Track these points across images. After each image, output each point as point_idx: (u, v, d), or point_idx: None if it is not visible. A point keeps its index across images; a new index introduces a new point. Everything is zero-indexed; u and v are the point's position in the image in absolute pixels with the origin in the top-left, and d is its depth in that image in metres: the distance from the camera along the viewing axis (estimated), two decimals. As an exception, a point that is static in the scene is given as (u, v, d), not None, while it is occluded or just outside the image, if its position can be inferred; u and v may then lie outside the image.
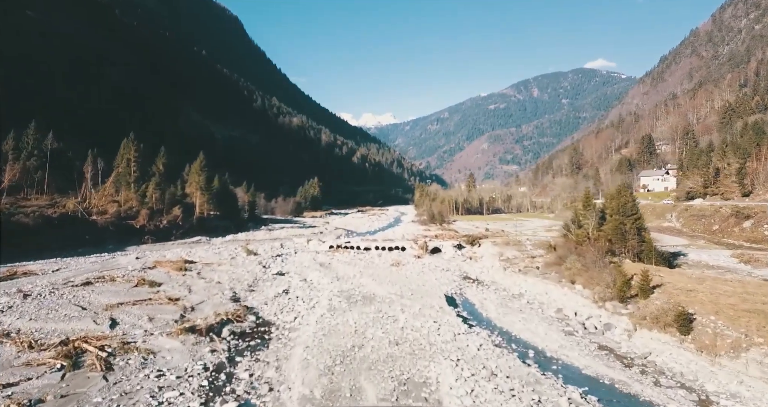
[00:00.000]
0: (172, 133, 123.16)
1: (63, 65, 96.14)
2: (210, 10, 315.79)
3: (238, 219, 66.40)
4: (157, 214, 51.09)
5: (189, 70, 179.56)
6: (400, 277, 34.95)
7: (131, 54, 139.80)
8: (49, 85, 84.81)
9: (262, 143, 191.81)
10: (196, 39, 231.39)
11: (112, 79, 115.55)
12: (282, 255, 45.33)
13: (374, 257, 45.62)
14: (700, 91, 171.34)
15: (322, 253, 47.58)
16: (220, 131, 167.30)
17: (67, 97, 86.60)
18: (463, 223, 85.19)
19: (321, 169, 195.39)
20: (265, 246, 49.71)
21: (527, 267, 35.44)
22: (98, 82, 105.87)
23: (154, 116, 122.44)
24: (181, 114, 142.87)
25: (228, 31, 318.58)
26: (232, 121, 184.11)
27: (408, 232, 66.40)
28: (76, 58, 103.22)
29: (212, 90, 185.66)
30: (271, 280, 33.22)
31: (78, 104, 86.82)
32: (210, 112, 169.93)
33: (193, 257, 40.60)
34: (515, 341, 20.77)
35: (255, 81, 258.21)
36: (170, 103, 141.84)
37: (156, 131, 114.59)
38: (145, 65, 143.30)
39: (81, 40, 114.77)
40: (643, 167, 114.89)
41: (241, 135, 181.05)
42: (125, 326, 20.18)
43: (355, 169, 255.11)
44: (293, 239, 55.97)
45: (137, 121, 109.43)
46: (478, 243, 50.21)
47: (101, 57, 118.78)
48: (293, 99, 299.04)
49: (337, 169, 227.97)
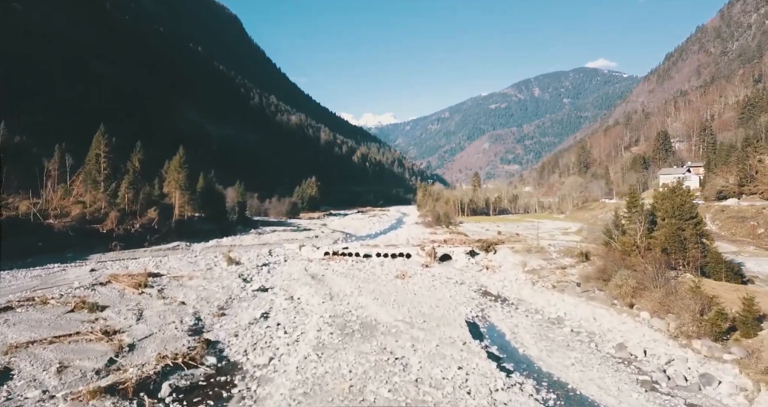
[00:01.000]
0: (165, 131, 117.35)
1: (57, 63, 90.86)
2: (209, 9, 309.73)
3: (225, 221, 60.25)
4: (129, 217, 44.99)
5: (187, 69, 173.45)
6: (408, 294, 28.79)
7: (126, 52, 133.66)
8: (45, 83, 79.99)
9: (260, 142, 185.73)
10: (195, 38, 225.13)
11: (107, 78, 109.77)
12: (269, 265, 39.18)
13: (375, 266, 39.47)
14: (712, 87, 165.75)
15: (316, 262, 41.42)
16: (216, 130, 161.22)
17: (65, 96, 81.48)
18: (470, 225, 79.07)
19: (320, 169, 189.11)
20: (250, 254, 43.58)
21: (561, 282, 29.28)
22: (97, 81, 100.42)
23: (148, 114, 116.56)
24: (176, 112, 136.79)
25: (227, 30, 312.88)
26: (228, 120, 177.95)
27: (412, 236, 60.27)
28: (72, 57, 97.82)
29: (209, 88, 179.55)
30: (249, 299, 27.07)
31: (75, 104, 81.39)
32: (206, 111, 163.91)
33: (162, 268, 34.44)
34: (577, 401, 14.62)
35: (254, 80, 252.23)
36: (166, 101, 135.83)
37: (148, 129, 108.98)
38: (139, 63, 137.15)
39: (72, 36, 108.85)
40: (659, 165, 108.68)
41: (237, 133, 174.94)
42: (17, 383, 14.00)
43: (356, 169, 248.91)
44: (284, 244, 49.84)
45: (129, 119, 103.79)
46: (494, 250, 44.08)
47: (97, 55, 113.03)
48: (292, 98, 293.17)
49: (337, 168, 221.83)
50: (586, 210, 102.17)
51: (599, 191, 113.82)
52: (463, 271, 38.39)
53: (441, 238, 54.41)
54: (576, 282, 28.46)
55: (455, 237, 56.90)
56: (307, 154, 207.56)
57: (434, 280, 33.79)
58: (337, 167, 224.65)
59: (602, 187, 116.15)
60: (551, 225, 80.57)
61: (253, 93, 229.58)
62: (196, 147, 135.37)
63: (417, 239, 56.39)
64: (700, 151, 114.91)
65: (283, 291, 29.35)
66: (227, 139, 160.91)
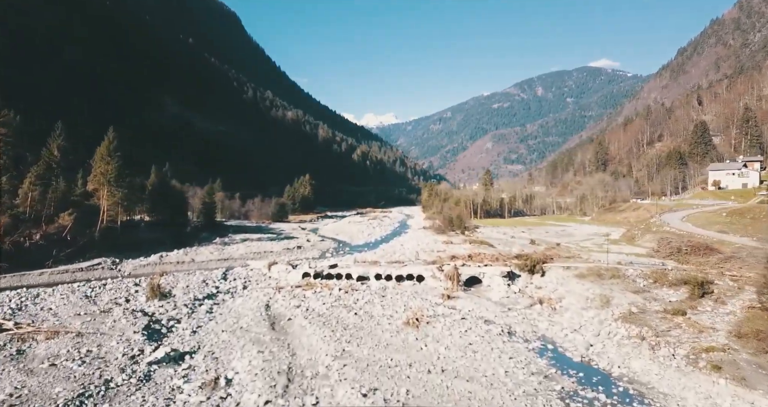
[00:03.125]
0: (138, 123, 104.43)
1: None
2: (204, 4, 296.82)
3: (183, 227, 47.16)
4: (29, 223, 32.13)
5: (171, 59, 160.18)
6: (428, 366, 15.79)
7: (95, 35, 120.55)
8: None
9: (252, 138, 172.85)
10: (186, 31, 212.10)
11: (68, 59, 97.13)
12: (215, 298, 26.17)
13: (374, 299, 26.37)
14: (741, 79, 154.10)
15: (287, 291, 28.31)
16: (205, 125, 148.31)
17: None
18: (488, 230, 65.96)
19: (317, 167, 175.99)
20: (194, 279, 30.50)
21: (713, 349, 16.09)
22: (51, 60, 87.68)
23: (118, 103, 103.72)
24: (152, 103, 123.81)
25: (224, 26, 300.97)
26: (219, 115, 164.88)
27: (422, 246, 47.21)
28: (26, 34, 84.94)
29: (197, 81, 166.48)
30: (126, 394, 13.98)
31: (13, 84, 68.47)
32: (194, 104, 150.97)
33: (23, 313, 21.32)
34: None
35: (251, 77, 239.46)
36: (141, 91, 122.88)
37: (116, 120, 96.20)
38: (111, 49, 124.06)
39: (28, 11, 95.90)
40: (697, 161, 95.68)
41: (228, 129, 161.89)
42: None
43: (355, 168, 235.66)
44: (250, 262, 36.73)
45: (89, 107, 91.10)
46: (541, 270, 31.04)
47: (58, 33, 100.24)
48: (291, 96, 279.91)
49: (336, 167, 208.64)
50: (616, 211, 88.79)
51: (628, 190, 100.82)
52: (504, 307, 25.33)
53: (461, 251, 41.25)
54: (731, 346, 15.28)
55: (478, 248, 43.74)
56: (304, 151, 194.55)
57: (467, 330, 20.74)
58: (336, 166, 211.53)
59: (631, 186, 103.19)
60: (585, 230, 67.45)
61: (247, 87, 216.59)
62: (176, 141, 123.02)
63: (428, 250, 43.35)
64: (742, 144, 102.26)
65: (207, 364, 16.31)
66: (217, 134, 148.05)
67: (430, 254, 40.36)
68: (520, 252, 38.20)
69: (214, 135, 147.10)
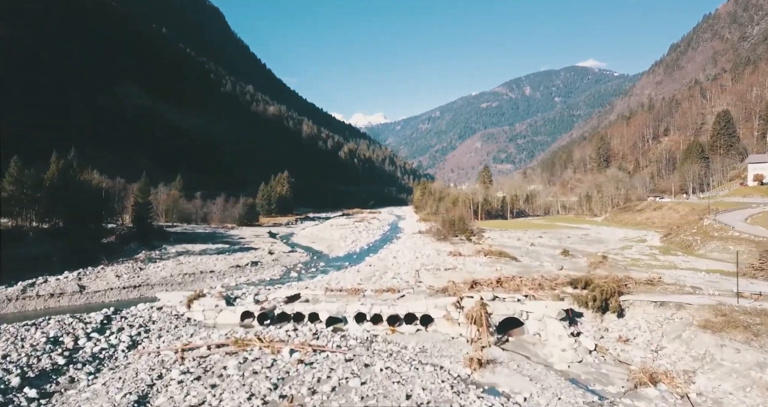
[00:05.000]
0: (89, 110, 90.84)
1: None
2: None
3: (95, 238, 34.43)
4: None
5: (138, 46, 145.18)
6: None
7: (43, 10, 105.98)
8: None
9: (230, 133, 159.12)
10: (159, 20, 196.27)
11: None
12: (50, 379, 13.93)
13: (349, 383, 14.37)
14: (747, 71, 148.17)
15: (197, 357, 16.15)
16: (174, 116, 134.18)
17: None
18: (498, 235, 54.54)
19: (301, 165, 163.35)
20: (38, 333, 18.04)
21: None
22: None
23: (64, 87, 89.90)
24: (110, 91, 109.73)
25: (206, 21, 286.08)
26: (192, 107, 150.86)
27: (422, 259, 35.41)
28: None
29: (167, 70, 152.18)
30: None
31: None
32: (163, 94, 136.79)
33: None
34: None
35: (233, 71, 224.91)
36: (98, 77, 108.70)
37: (60, 107, 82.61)
38: (62, 29, 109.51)
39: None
40: (720, 154, 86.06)
41: (202, 122, 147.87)
42: None
43: (343, 166, 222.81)
44: (163, 294, 24.25)
45: (28, 88, 77.46)
46: (617, 307, 19.48)
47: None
48: (276, 93, 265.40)
49: (321, 165, 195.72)
50: (633, 211, 78.29)
51: (642, 188, 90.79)
52: (581, 388, 13.74)
53: (479, 268, 29.45)
54: None
55: (497, 262, 32.04)
56: (287, 148, 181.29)
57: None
58: (322, 164, 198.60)
59: (646, 183, 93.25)
60: (611, 233, 56.50)
61: (226, 80, 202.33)
62: (141, 135, 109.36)
63: (432, 267, 31.60)
64: (766, 135, 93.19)
65: None
66: (188, 127, 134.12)
67: (436, 274, 28.54)
68: (560, 271, 26.58)
69: (186, 128, 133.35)
